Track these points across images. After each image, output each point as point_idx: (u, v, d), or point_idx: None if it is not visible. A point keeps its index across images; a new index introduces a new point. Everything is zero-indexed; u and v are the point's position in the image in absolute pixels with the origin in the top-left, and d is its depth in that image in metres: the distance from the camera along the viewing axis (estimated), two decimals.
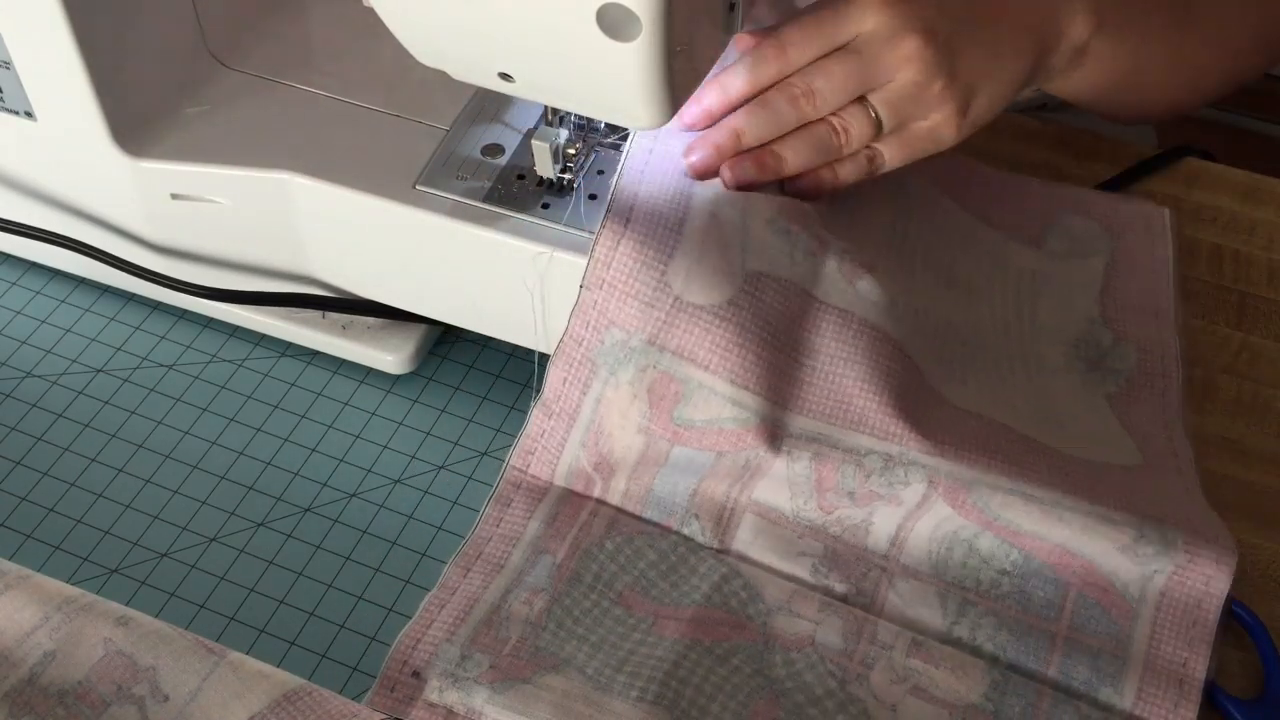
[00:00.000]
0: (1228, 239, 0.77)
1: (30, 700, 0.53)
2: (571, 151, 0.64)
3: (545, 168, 0.63)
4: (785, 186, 0.64)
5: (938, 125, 0.63)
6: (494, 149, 0.66)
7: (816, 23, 0.61)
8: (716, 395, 0.59)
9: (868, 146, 0.63)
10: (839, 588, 0.60)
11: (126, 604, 0.60)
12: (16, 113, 0.67)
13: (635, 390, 0.61)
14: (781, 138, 0.63)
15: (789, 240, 0.61)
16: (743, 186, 0.63)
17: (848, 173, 0.64)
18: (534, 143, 0.62)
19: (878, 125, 0.62)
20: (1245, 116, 1.51)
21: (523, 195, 0.64)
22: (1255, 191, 0.79)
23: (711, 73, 0.62)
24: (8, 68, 0.65)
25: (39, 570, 0.60)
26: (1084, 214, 0.74)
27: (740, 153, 0.62)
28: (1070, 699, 0.57)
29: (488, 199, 0.63)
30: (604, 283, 0.60)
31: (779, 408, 0.60)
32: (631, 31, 0.51)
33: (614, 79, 0.54)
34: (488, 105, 0.68)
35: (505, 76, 0.57)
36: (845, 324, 0.61)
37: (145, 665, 0.54)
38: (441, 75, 0.60)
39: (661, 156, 0.63)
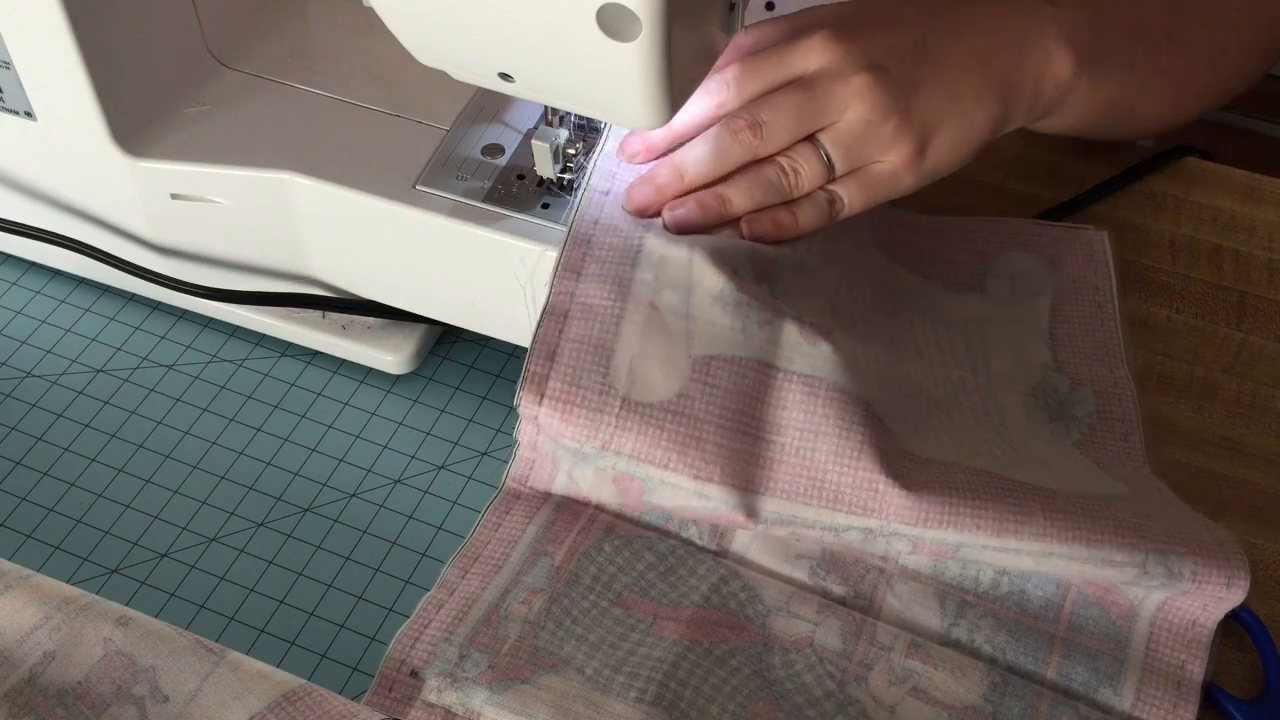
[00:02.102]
0: (1228, 239, 0.77)
1: (30, 700, 0.53)
2: (571, 151, 0.64)
3: (545, 168, 0.63)
4: (745, 233, 0.61)
5: (896, 167, 0.61)
6: (494, 149, 0.66)
7: (764, 59, 0.60)
8: (681, 489, 0.58)
9: (826, 189, 0.61)
10: (837, 590, 0.60)
11: (126, 604, 0.60)
12: (16, 113, 0.67)
13: (601, 481, 0.60)
14: (727, 178, 0.61)
15: (740, 314, 0.59)
16: (684, 230, 0.61)
17: (808, 217, 0.61)
18: (534, 143, 0.62)
19: (829, 166, 0.60)
20: (1245, 116, 1.51)
21: (523, 195, 0.64)
22: (1255, 191, 0.79)
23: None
24: (8, 68, 0.65)
25: (39, 570, 0.60)
26: (1022, 248, 0.72)
27: (682, 194, 0.61)
28: (1069, 700, 0.57)
29: (488, 199, 0.63)
30: (544, 396, 0.58)
31: (749, 494, 0.58)
32: (631, 31, 0.51)
33: (614, 79, 0.54)
34: (488, 105, 0.67)
35: (505, 76, 0.57)
36: (813, 392, 0.58)
37: (145, 665, 0.54)
38: (441, 75, 0.60)
39: (606, 230, 0.61)
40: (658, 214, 0.62)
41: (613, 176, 0.62)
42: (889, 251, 0.70)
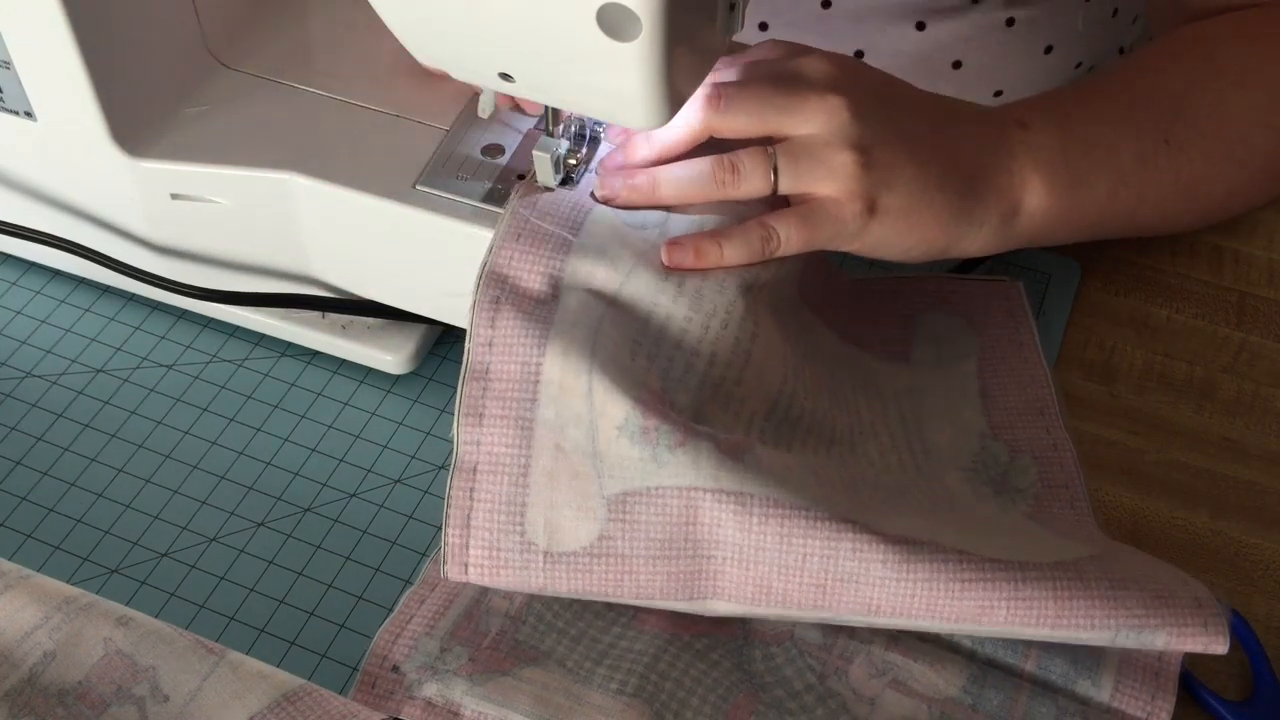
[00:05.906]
0: (1228, 239, 0.77)
1: (30, 700, 0.53)
2: (573, 161, 0.64)
3: (546, 177, 0.63)
4: (664, 259, 0.60)
5: (839, 239, 0.61)
6: (494, 149, 0.66)
7: (768, 101, 0.60)
8: (630, 606, 0.58)
9: (762, 224, 0.60)
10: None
11: (126, 604, 0.60)
12: (16, 113, 0.67)
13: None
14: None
15: (648, 441, 0.56)
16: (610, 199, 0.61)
17: (735, 251, 0.60)
18: (535, 153, 0.62)
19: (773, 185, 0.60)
20: None
21: None
22: None
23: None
24: (8, 68, 0.65)
25: (39, 570, 0.60)
26: (942, 308, 0.70)
27: (649, 207, 0.62)
28: (1049, 692, 0.57)
29: (488, 199, 0.63)
30: (467, 566, 0.57)
31: (697, 601, 0.57)
32: (631, 31, 0.51)
33: (614, 79, 0.54)
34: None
35: (505, 76, 0.57)
36: (745, 510, 0.55)
37: (145, 665, 0.54)
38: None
39: (501, 353, 0.59)
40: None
41: (502, 282, 0.60)
42: (820, 313, 0.67)
